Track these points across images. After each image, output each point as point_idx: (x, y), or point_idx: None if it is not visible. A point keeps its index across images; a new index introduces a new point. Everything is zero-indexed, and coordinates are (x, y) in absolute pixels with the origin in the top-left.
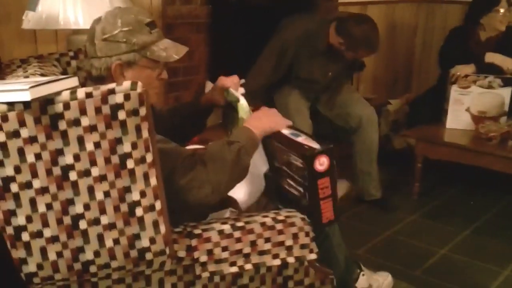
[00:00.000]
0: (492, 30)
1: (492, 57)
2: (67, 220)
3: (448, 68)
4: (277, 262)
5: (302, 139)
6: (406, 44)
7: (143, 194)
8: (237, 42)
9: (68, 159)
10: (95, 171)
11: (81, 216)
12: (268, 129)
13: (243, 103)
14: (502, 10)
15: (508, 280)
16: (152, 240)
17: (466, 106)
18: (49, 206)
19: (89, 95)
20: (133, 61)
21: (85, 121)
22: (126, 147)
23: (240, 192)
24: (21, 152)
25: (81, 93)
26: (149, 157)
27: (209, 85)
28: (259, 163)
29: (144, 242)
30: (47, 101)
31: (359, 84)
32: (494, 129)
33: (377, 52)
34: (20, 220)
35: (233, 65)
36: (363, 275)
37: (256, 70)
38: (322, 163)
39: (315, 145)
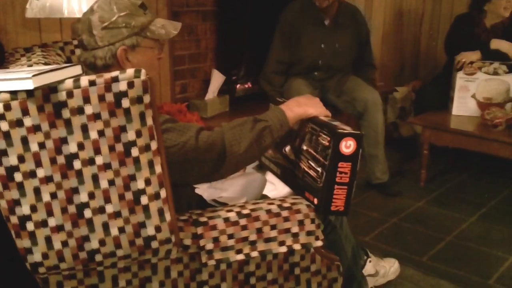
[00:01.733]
0: (496, 16)
1: (498, 44)
2: (72, 209)
3: (454, 55)
4: (283, 249)
5: (337, 123)
6: (413, 31)
7: (148, 182)
8: (244, 29)
9: (72, 147)
10: (99, 160)
11: (86, 205)
12: (303, 115)
13: None
14: None
15: None
16: (158, 228)
17: (471, 92)
18: (53, 195)
19: (92, 83)
20: (136, 44)
21: (88, 109)
22: (130, 135)
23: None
24: (24, 141)
25: (84, 81)
26: (153, 145)
27: (215, 73)
28: (279, 186)
29: (150, 230)
30: (50, 90)
31: None
32: (499, 116)
33: None
34: (25, 209)
35: (240, 52)
36: (370, 261)
37: (269, 53)
38: (348, 146)
39: (347, 128)
